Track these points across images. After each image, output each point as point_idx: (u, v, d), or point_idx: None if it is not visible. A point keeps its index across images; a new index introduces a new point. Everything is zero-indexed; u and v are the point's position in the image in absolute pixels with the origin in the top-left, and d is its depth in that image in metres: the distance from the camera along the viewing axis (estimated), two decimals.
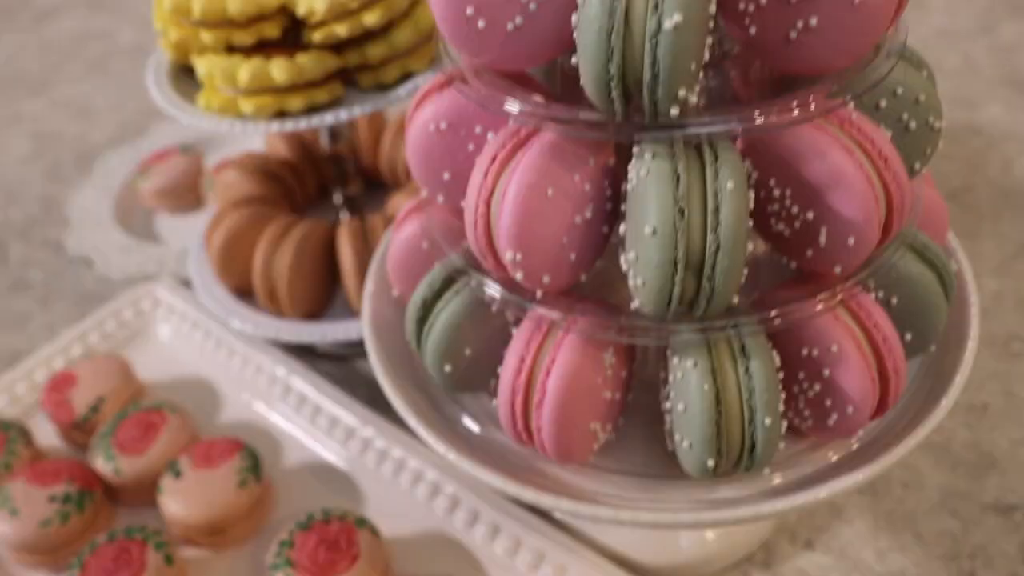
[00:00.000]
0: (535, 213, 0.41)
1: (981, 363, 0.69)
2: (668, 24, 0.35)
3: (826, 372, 0.44)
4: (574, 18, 0.38)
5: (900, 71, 0.45)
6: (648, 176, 0.39)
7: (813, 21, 0.39)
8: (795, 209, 0.42)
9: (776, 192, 0.42)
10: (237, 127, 0.60)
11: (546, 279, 0.43)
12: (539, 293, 0.45)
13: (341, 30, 0.60)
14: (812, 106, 0.39)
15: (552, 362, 0.44)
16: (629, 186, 0.41)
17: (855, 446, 0.48)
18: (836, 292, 0.43)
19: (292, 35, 0.65)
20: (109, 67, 1.17)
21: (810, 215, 0.42)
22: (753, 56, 0.43)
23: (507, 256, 0.42)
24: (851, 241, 0.42)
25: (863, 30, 0.39)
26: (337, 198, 0.74)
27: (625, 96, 0.38)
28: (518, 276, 0.43)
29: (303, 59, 0.61)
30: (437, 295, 0.49)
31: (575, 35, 0.38)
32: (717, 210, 0.39)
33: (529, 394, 0.45)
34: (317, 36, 0.61)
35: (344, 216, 0.73)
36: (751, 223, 0.41)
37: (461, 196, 0.48)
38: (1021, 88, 0.96)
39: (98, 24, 1.27)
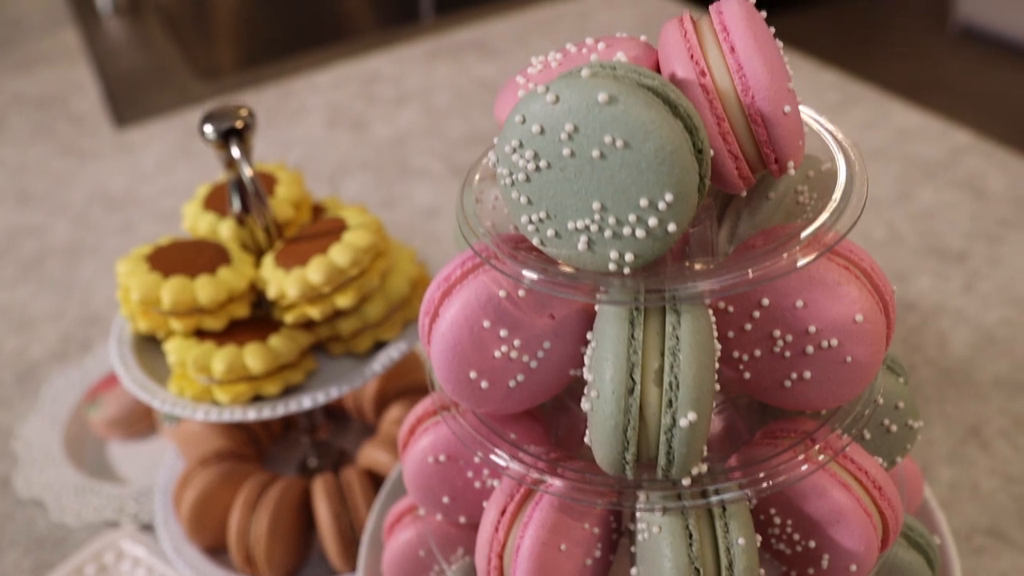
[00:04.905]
0: (549, 569, 0.42)
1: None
2: (684, 422, 0.36)
3: None
4: (588, 396, 0.39)
5: (881, 380, 0.47)
6: (661, 534, 0.40)
7: (807, 374, 0.40)
8: (796, 536, 0.44)
9: (777, 519, 0.44)
10: (213, 415, 0.59)
11: None
12: None
13: (314, 312, 0.60)
14: (819, 456, 0.41)
15: None
16: (639, 536, 0.42)
17: None
18: None
19: (259, 308, 0.64)
20: (44, 268, 1.15)
21: (812, 543, 0.43)
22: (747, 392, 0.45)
23: None
24: (853, 568, 0.43)
25: (855, 380, 0.41)
26: (305, 442, 0.73)
27: (636, 465, 0.39)
28: None
29: (276, 343, 0.60)
30: None
31: (588, 424, 0.38)
32: (731, 566, 0.39)
33: None
34: (289, 317, 0.61)
35: (313, 460, 0.73)
36: None
37: (460, 513, 0.49)
38: (944, 257, 1.00)
39: (29, 220, 1.24)
